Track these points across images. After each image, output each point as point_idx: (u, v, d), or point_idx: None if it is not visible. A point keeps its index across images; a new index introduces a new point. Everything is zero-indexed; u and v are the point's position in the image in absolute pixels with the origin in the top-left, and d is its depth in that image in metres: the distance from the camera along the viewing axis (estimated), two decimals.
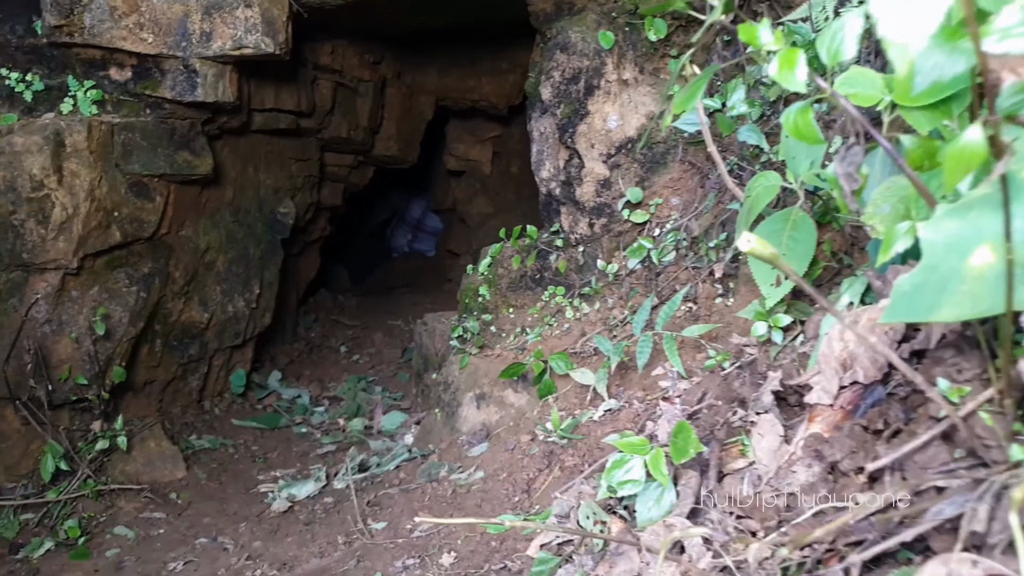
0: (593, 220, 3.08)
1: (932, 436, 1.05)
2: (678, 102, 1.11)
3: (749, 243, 0.93)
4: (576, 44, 2.93)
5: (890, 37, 0.64)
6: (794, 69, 0.85)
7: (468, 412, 3.06)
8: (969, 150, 0.74)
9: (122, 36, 2.59)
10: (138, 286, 2.94)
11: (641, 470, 1.42)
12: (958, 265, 0.82)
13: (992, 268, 0.80)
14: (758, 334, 1.83)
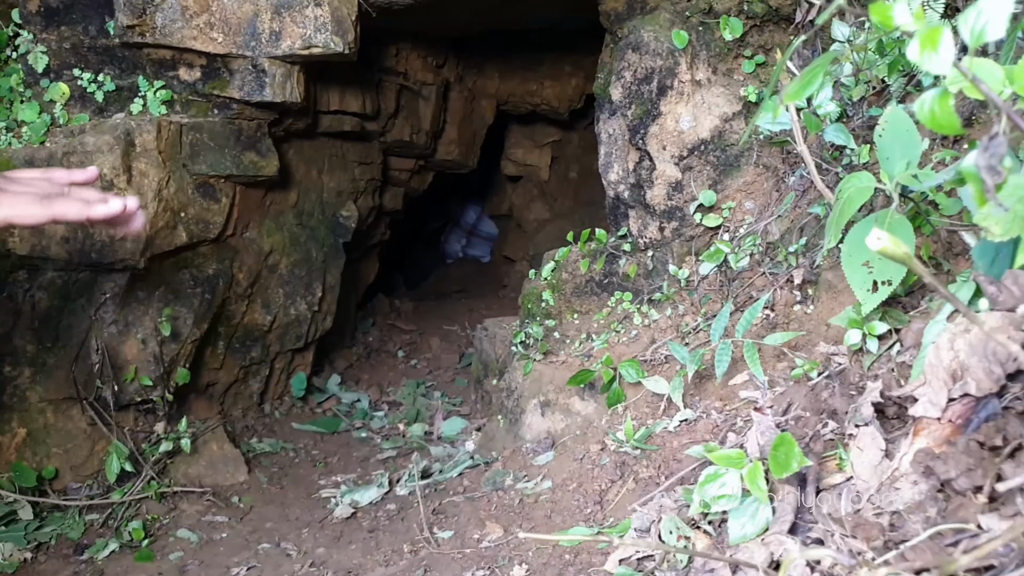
0: (664, 224, 2.97)
1: None
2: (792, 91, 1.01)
3: (880, 241, 0.83)
4: (649, 43, 2.83)
5: None
6: (938, 48, 0.74)
7: (532, 419, 2.97)
8: None
9: (192, 36, 2.59)
10: (203, 287, 2.93)
11: (737, 484, 1.32)
12: None
13: None
14: (851, 342, 1.71)
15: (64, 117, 2.65)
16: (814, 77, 1.01)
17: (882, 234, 0.84)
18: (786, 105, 1.13)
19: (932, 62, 0.76)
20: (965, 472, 1.15)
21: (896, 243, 0.83)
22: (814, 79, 1.01)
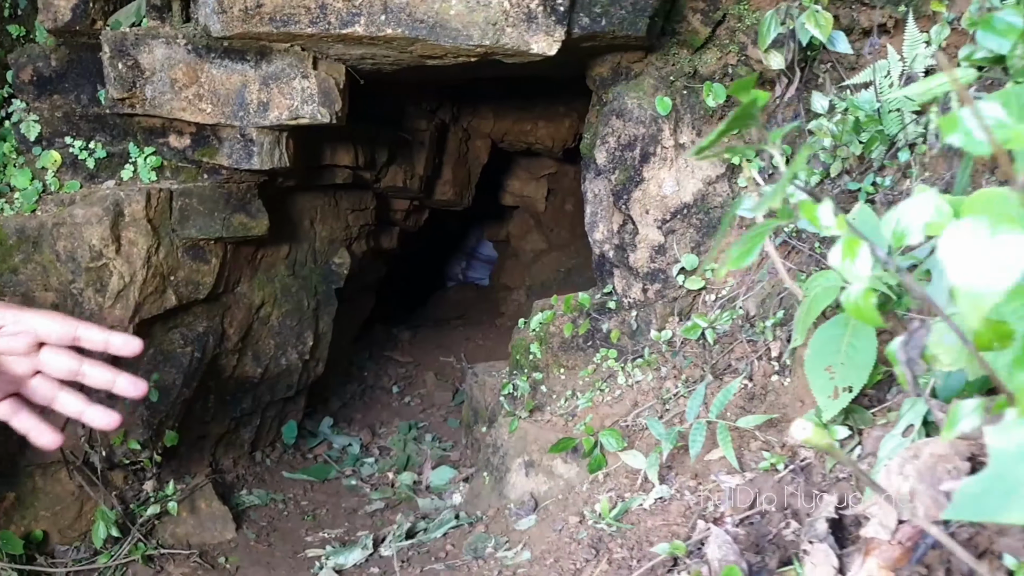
0: (647, 285, 3.00)
1: None
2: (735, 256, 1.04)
3: (804, 431, 0.86)
4: (632, 111, 2.87)
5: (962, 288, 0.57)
6: (856, 259, 0.78)
7: (516, 479, 3.00)
8: None
9: (181, 107, 2.64)
10: (192, 346, 2.97)
11: None
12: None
13: None
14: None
15: (56, 184, 2.70)
16: (755, 244, 1.04)
17: (806, 424, 0.87)
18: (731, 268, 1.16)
19: (850, 272, 0.80)
20: None
21: (819, 435, 0.86)
22: (755, 246, 1.05)
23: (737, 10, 2.90)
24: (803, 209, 0.86)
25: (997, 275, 0.57)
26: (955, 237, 0.60)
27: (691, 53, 2.94)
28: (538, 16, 2.46)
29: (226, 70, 2.65)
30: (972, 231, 0.59)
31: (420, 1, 2.44)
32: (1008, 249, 0.57)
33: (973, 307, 0.58)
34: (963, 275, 0.58)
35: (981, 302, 0.58)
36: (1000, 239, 0.58)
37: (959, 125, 0.75)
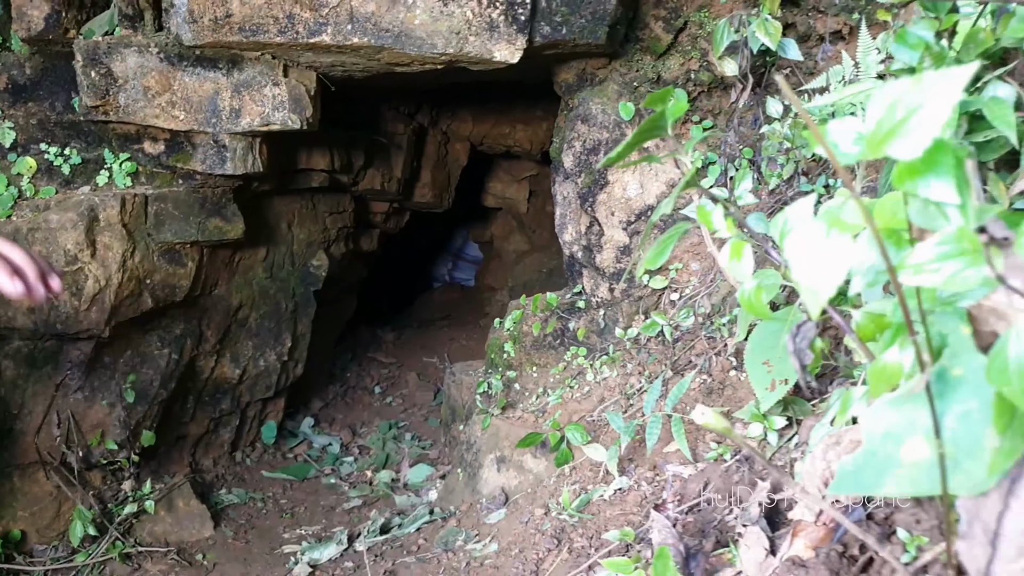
0: (613, 285, 3.08)
1: None
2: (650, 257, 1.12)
3: (703, 416, 0.94)
4: (597, 116, 2.95)
5: (804, 284, 0.65)
6: (741, 260, 0.86)
7: (488, 475, 3.08)
8: (889, 368, 0.75)
9: (155, 114, 2.70)
10: (170, 348, 3.04)
11: None
12: (895, 452, 0.83)
13: (927, 460, 0.80)
14: (754, 435, 1.82)
15: (31, 190, 2.76)
16: (667, 246, 1.12)
17: (705, 410, 0.95)
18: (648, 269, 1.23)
19: (736, 270, 0.88)
20: None
21: (717, 419, 0.94)
22: (667, 248, 1.13)
23: (698, 17, 2.98)
24: (699, 213, 0.94)
25: (829, 273, 0.65)
26: (796, 239, 0.67)
27: (654, 59, 3.02)
28: (500, 25, 2.53)
29: (198, 78, 2.72)
30: (810, 234, 0.67)
31: (385, 11, 2.51)
32: (837, 250, 0.65)
33: (812, 300, 0.66)
34: (802, 272, 0.66)
35: (818, 296, 0.66)
36: (831, 241, 0.66)
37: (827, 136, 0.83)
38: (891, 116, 0.64)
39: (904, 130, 0.63)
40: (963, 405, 0.81)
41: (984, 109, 1.40)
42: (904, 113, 0.63)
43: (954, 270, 0.68)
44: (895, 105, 0.64)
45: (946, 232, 0.68)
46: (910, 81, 0.63)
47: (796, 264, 0.66)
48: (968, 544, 0.87)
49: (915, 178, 0.73)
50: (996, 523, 0.86)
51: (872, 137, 0.66)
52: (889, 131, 0.64)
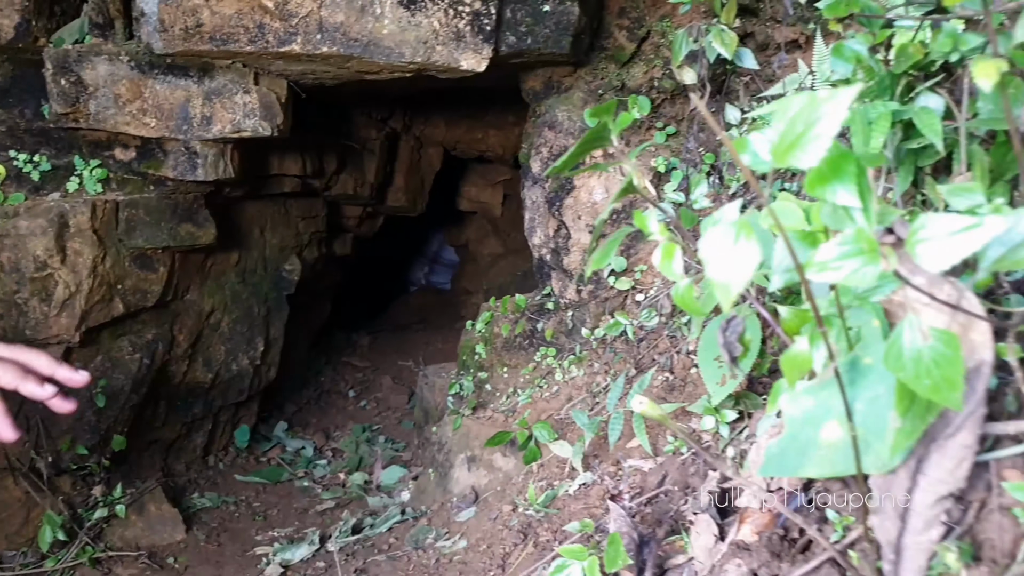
0: (580, 287, 3.16)
1: (822, 561, 1.12)
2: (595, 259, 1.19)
3: (641, 405, 1.01)
4: (563, 123, 3.03)
5: (715, 279, 0.72)
6: (671, 262, 0.93)
7: (459, 474, 3.13)
8: (800, 357, 0.82)
9: (126, 121, 2.73)
10: (141, 353, 3.06)
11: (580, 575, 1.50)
12: (814, 435, 0.90)
13: (841, 441, 0.87)
14: (707, 428, 1.90)
15: (0, 197, 2.77)
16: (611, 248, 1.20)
17: (643, 400, 1.02)
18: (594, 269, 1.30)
19: (667, 271, 0.95)
20: (764, 564, 1.34)
21: (653, 407, 1.01)
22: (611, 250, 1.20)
23: (660, 27, 3.07)
24: (635, 218, 1.01)
25: (738, 271, 0.72)
26: (709, 241, 0.75)
27: (619, 68, 3.11)
28: (466, 35, 2.60)
29: (169, 85, 2.75)
30: (721, 236, 0.74)
31: (354, 21, 2.57)
32: (745, 251, 0.72)
33: (723, 296, 0.73)
34: (715, 271, 0.73)
35: (728, 291, 0.73)
36: (740, 244, 0.73)
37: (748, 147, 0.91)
38: (792, 130, 0.71)
39: (803, 142, 0.70)
40: (872, 391, 0.89)
41: (914, 118, 1.49)
42: (803, 127, 0.70)
43: (854, 267, 0.75)
44: (795, 120, 0.71)
45: (846, 233, 0.76)
46: (806, 98, 0.70)
47: (709, 263, 0.74)
48: (881, 519, 0.95)
49: (824, 185, 0.81)
50: (905, 499, 0.94)
51: (776, 148, 0.73)
52: (791, 143, 0.72)
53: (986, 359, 0.91)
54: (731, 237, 0.74)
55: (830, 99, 0.68)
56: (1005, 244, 0.79)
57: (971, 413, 0.91)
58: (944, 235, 0.71)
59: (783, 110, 0.73)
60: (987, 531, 0.97)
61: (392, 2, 2.58)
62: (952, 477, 0.93)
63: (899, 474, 0.93)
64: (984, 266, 0.81)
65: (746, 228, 0.73)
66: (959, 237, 0.71)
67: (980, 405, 0.92)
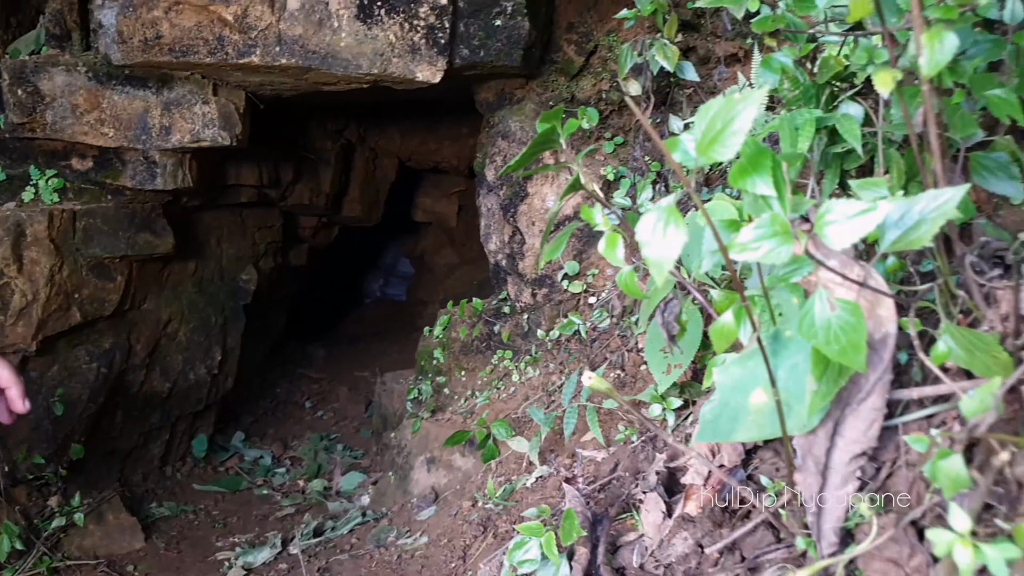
0: (535, 291, 3.27)
1: (758, 523, 1.23)
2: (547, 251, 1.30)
3: (589, 380, 1.11)
4: (515, 132, 3.15)
5: (649, 257, 0.83)
6: (615, 250, 1.04)
7: (419, 475, 3.20)
8: (725, 328, 0.93)
9: (83, 131, 2.76)
10: (98, 362, 3.07)
11: (537, 551, 1.59)
12: (744, 401, 1.01)
13: (767, 405, 0.99)
14: (654, 415, 2.02)
15: None
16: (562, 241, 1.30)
17: (591, 375, 1.12)
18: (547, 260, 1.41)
19: (612, 258, 1.06)
20: (707, 533, 1.45)
21: (599, 381, 1.11)
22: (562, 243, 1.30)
23: (607, 41, 3.21)
24: (583, 212, 1.11)
25: (667, 251, 0.83)
26: (644, 225, 0.85)
27: (568, 80, 3.24)
28: (421, 48, 2.70)
29: (127, 96, 2.79)
30: (654, 222, 0.85)
31: (312, 34, 2.65)
32: (673, 234, 0.83)
33: (657, 271, 0.84)
34: (650, 251, 0.84)
35: (661, 268, 0.83)
36: (669, 228, 0.84)
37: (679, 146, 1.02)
38: (712, 127, 0.83)
39: (722, 138, 0.82)
40: (792, 359, 1.01)
41: (837, 124, 1.63)
42: (721, 125, 0.82)
43: (770, 247, 0.87)
44: (715, 119, 0.82)
45: (763, 218, 0.87)
46: (723, 101, 0.82)
47: (644, 245, 0.84)
48: (803, 475, 1.06)
49: (745, 177, 0.92)
50: (825, 457, 1.06)
51: (700, 144, 0.84)
52: (712, 139, 0.83)
53: (891, 331, 1.03)
54: (662, 222, 0.84)
55: (744, 100, 0.80)
56: (900, 228, 0.91)
57: (879, 379, 1.04)
58: (845, 218, 0.83)
59: (705, 111, 0.84)
60: (896, 485, 1.09)
61: (349, 15, 2.66)
62: (865, 437, 1.06)
63: (819, 435, 1.05)
64: (883, 248, 0.93)
65: (674, 214, 0.84)
66: (857, 219, 0.83)
67: (887, 372, 1.04)
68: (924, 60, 0.91)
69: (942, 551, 0.76)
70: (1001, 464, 0.83)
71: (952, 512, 0.77)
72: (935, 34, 0.91)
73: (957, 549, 0.75)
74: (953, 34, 0.90)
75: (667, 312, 1.15)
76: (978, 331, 0.97)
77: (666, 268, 0.83)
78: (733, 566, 1.30)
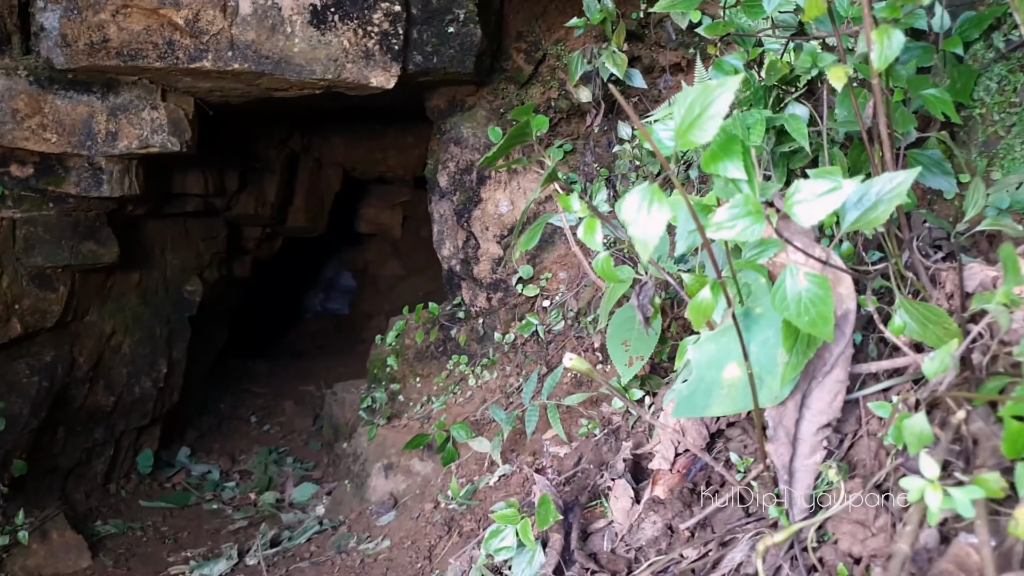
0: (491, 294, 3.30)
1: (728, 499, 1.30)
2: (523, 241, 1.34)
3: (570, 361, 1.16)
4: (468, 139, 3.19)
5: (635, 235, 0.88)
6: (594, 234, 1.09)
7: (377, 482, 3.19)
8: (703, 304, 1.00)
9: (24, 137, 2.68)
10: (40, 376, 2.97)
11: (513, 538, 1.62)
12: (718, 376, 1.08)
13: (740, 379, 1.05)
14: (618, 406, 2.08)
15: None
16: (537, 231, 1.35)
17: (572, 356, 1.17)
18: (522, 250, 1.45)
19: (591, 241, 1.11)
20: (678, 514, 1.51)
21: (580, 362, 1.16)
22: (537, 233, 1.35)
23: (555, 50, 3.29)
24: (560, 200, 1.16)
25: (652, 229, 0.88)
26: (629, 205, 0.90)
27: (518, 88, 3.30)
28: (375, 54, 2.72)
29: (71, 101, 2.73)
30: (638, 201, 0.90)
31: (265, 39, 2.64)
32: (658, 212, 0.88)
33: (642, 249, 0.89)
34: (635, 229, 0.89)
35: (647, 246, 0.89)
36: (654, 206, 0.89)
37: (653, 135, 1.08)
38: (690, 113, 0.88)
39: (700, 122, 0.88)
40: (763, 334, 1.07)
41: (785, 124, 1.72)
42: (699, 110, 0.87)
43: (744, 226, 0.93)
44: (692, 105, 0.88)
45: (736, 199, 0.93)
46: (700, 88, 0.87)
47: (629, 223, 0.89)
48: (775, 446, 1.13)
49: (716, 162, 0.98)
50: (794, 428, 1.13)
51: (679, 129, 0.90)
52: (690, 124, 0.89)
53: (851, 308, 1.11)
54: (646, 202, 0.90)
55: (720, 86, 0.86)
56: (859, 208, 0.98)
57: (842, 353, 1.11)
58: (813, 196, 0.90)
59: (683, 98, 0.90)
60: (859, 454, 1.17)
61: (303, 21, 2.67)
62: (830, 408, 1.13)
63: (788, 407, 1.11)
64: (844, 227, 1.01)
65: (658, 194, 0.89)
66: (825, 198, 0.89)
67: (848, 346, 1.12)
68: (875, 55, 0.99)
69: (914, 496, 0.82)
70: (958, 422, 0.90)
71: (922, 460, 0.83)
72: (884, 31, 0.99)
73: (928, 493, 0.81)
74: (900, 31, 0.98)
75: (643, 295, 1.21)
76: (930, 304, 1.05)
77: (651, 245, 0.88)
78: (706, 542, 1.36)
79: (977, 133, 1.52)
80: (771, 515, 1.15)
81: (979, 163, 1.42)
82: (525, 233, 1.34)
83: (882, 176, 0.98)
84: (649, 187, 0.90)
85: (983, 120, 1.51)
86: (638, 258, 1.09)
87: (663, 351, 2.11)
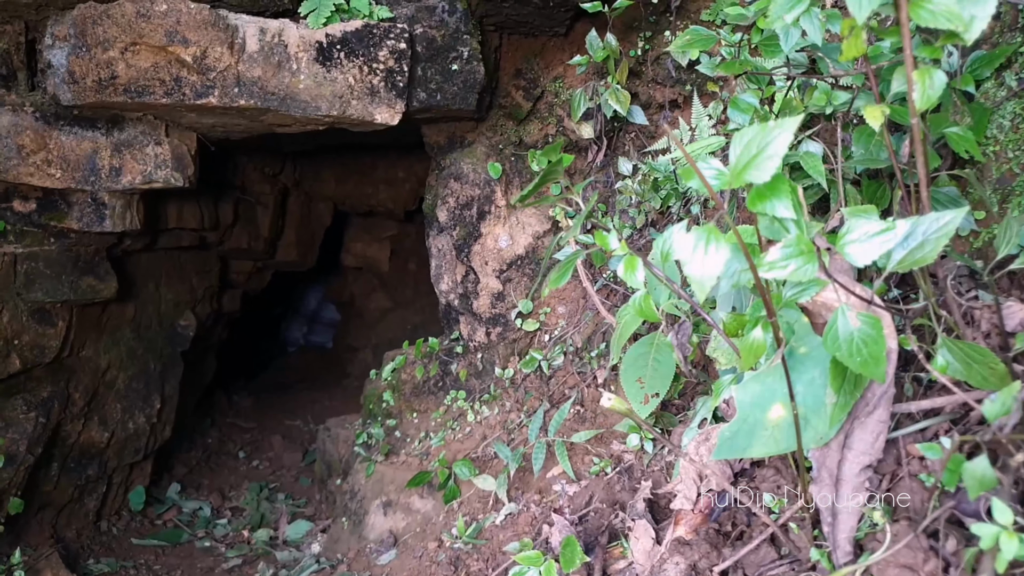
0: (490, 329, 3.30)
1: (761, 540, 1.30)
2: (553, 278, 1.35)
3: (609, 400, 1.16)
4: (468, 175, 3.21)
5: (692, 275, 0.89)
6: (635, 272, 1.10)
7: (375, 520, 3.15)
8: (756, 343, 1.01)
9: (29, 172, 2.66)
10: (36, 411, 2.91)
11: None
12: (761, 417, 1.08)
13: (784, 419, 1.06)
14: (632, 445, 2.07)
15: None
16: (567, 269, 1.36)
17: (610, 396, 1.17)
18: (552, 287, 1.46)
19: (631, 280, 1.12)
20: (704, 555, 1.51)
21: (619, 402, 1.16)
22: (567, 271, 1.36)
23: (553, 87, 3.33)
24: (597, 237, 1.17)
25: (709, 269, 0.89)
26: (683, 245, 0.91)
27: (516, 124, 3.34)
28: (380, 91, 2.74)
29: (76, 137, 2.72)
30: (695, 240, 0.91)
31: (271, 76, 2.66)
32: (715, 251, 0.89)
33: (699, 288, 0.90)
34: (691, 269, 0.90)
35: (703, 285, 0.90)
36: (711, 245, 0.90)
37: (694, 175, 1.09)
38: (747, 152, 0.90)
39: (757, 162, 0.89)
40: (808, 374, 1.08)
41: (801, 161, 1.75)
42: (756, 150, 0.89)
43: (796, 266, 0.94)
44: (750, 144, 0.90)
45: (788, 239, 0.95)
46: (759, 127, 0.89)
47: (685, 262, 0.90)
48: (818, 487, 1.13)
49: (764, 201, 1.00)
50: (837, 469, 1.13)
51: (734, 168, 0.91)
52: (747, 164, 0.90)
53: (892, 347, 1.12)
54: (703, 241, 0.91)
55: (779, 126, 0.88)
56: (905, 248, 1.00)
57: (884, 393, 1.12)
58: (867, 237, 0.92)
59: (739, 137, 0.91)
60: (900, 494, 1.17)
61: (308, 58, 2.69)
62: (872, 448, 1.14)
63: (832, 447, 1.12)
64: (891, 266, 1.02)
65: (715, 234, 0.91)
66: (878, 238, 0.91)
67: (891, 386, 1.13)
68: (916, 95, 1.02)
69: (988, 543, 0.83)
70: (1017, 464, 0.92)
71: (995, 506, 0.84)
72: (925, 71, 1.02)
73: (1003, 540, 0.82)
74: (941, 72, 1.01)
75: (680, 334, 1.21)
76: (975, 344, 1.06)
77: (707, 285, 0.89)
78: None
79: (991, 170, 1.55)
80: (812, 558, 1.15)
81: (992, 200, 1.45)
82: (555, 270, 1.35)
83: (928, 216, 1.01)
84: (706, 227, 0.91)
85: (996, 157, 1.55)
86: (656, 299, 1.10)
87: (675, 388, 2.11)
